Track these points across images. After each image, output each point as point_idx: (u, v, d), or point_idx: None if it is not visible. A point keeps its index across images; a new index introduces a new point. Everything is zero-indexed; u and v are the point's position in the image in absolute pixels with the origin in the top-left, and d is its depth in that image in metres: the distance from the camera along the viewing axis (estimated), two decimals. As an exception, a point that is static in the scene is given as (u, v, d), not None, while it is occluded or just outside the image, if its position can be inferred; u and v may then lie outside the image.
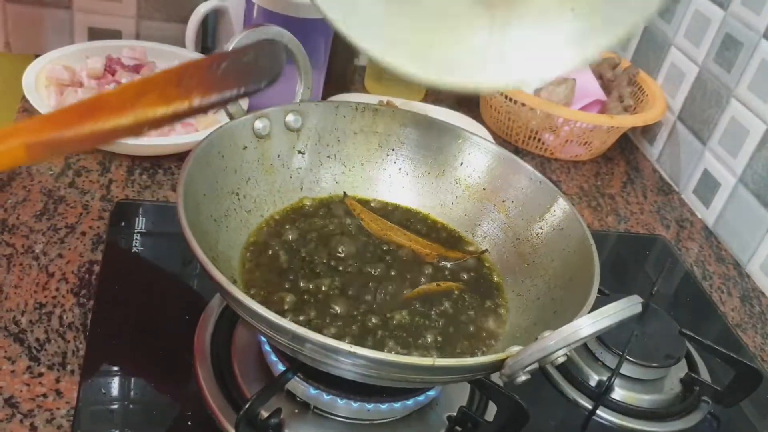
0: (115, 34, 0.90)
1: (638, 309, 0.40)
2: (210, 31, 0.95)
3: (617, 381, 0.60)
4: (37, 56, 0.79)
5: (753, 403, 0.63)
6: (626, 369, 0.61)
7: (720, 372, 0.65)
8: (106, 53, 0.82)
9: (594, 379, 0.61)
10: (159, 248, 0.65)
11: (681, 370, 0.64)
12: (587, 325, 0.39)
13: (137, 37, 0.91)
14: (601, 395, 0.59)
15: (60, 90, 0.76)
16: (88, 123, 0.41)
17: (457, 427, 0.52)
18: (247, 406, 0.46)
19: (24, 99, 0.76)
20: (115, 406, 0.50)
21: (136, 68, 0.82)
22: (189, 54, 0.87)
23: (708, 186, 0.90)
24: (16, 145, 0.41)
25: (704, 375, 0.65)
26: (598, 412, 0.58)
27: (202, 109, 0.42)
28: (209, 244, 0.49)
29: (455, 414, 0.52)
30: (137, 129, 0.42)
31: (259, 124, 0.57)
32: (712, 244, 0.87)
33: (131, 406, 0.50)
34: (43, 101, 0.73)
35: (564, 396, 0.60)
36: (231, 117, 0.55)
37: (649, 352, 0.61)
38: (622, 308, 0.39)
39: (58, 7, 0.86)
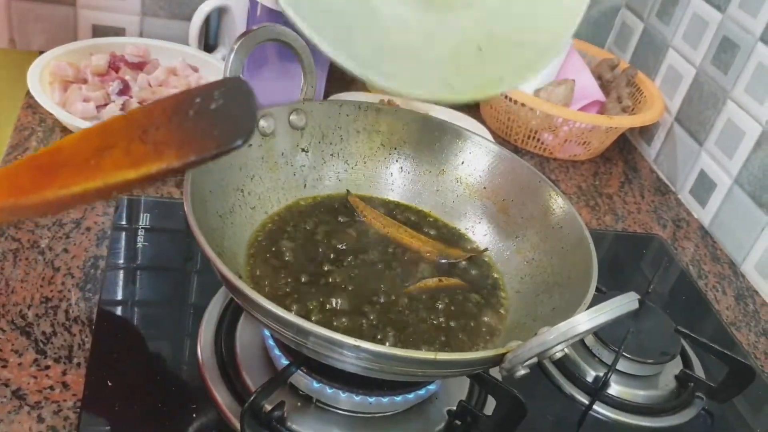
0: (119, 32, 0.90)
1: (635, 306, 0.41)
2: (213, 29, 0.96)
3: (613, 377, 0.61)
4: (41, 53, 0.80)
5: (746, 399, 0.64)
6: (622, 365, 0.62)
7: (714, 369, 0.66)
8: (110, 50, 0.83)
9: (590, 374, 0.62)
10: (163, 244, 0.66)
11: (676, 366, 0.65)
12: (585, 320, 0.40)
13: (141, 34, 0.92)
14: (597, 390, 0.60)
15: (64, 86, 0.77)
16: (52, 187, 0.37)
17: (457, 421, 0.53)
18: (251, 399, 0.47)
19: (28, 95, 0.76)
20: (121, 399, 0.51)
21: (139, 65, 0.83)
22: (192, 51, 0.88)
23: (704, 186, 0.91)
24: None
25: (698, 371, 0.66)
26: (595, 407, 0.59)
27: (177, 171, 0.37)
28: (215, 240, 0.50)
29: (455, 408, 0.53)
30: (106, 193, 0.37)
31: (263, 123, 0.57)
32: (707, 243, 0.88)
33: (137, 398, 0.51)
34: (48, 98, 0.74)
35: (561, 391, 0.61)
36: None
37: (645, 349, 0.62)
38: (619, 305, 0.40)
39: (63, 4, 0.87)
